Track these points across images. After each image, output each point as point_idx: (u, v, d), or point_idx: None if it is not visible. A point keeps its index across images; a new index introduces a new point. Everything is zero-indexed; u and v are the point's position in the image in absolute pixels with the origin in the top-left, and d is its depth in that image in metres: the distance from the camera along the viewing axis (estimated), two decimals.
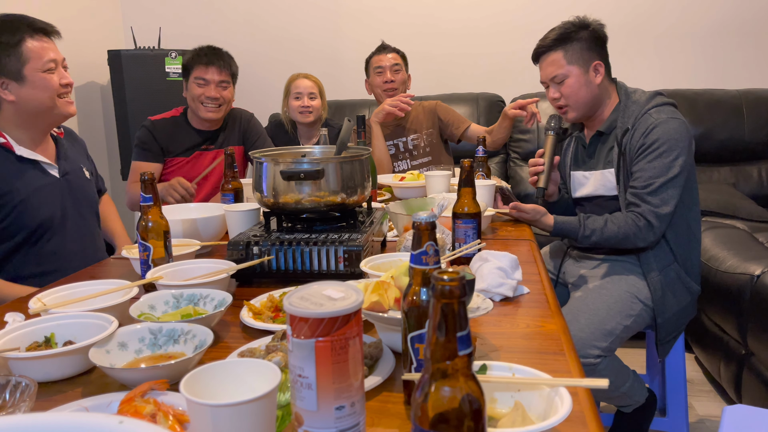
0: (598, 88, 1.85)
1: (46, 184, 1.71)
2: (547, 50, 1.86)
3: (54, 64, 1.66)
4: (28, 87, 1.63)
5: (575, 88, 1.83)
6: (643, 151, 1.73)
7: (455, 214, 1.40)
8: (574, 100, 1.85)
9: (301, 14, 3.82)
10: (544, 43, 1.87)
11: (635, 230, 1.72)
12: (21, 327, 0.98)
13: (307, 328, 0.61)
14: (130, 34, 3.76)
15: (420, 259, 0.75)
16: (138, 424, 0.42)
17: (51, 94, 1.66)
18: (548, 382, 0.73)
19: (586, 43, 1.83)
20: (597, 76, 1.84)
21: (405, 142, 2.80)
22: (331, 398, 0.62)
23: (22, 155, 1.67)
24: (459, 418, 0.54)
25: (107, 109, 3.78)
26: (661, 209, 1.70)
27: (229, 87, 2.46)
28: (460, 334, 0.54)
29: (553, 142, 1.91)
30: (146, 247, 1.27)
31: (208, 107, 2.42)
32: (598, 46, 1.85)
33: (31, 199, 1.66)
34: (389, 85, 2.76)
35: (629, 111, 1.80)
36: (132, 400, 0.76)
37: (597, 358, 1.65)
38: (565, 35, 1.84)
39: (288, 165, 1.33)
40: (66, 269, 1.68)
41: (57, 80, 1.67)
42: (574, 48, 1.83)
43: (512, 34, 3.65)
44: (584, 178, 1.94)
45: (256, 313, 1.10)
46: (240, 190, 1.86)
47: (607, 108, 1.88)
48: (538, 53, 1.91)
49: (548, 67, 1.87)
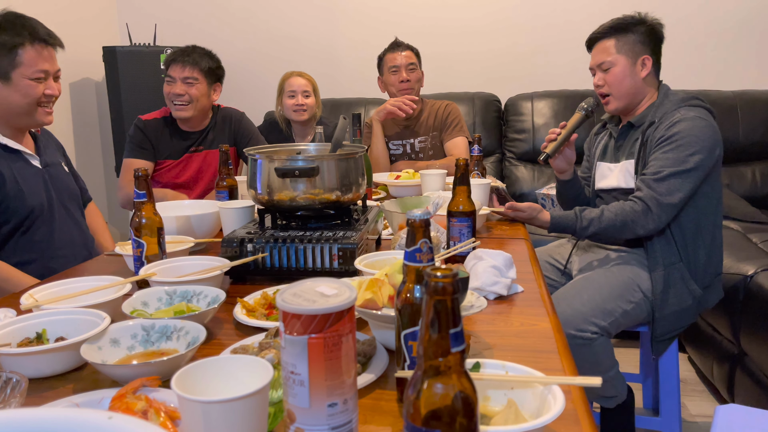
0: (641, 82, 1.87)
1: (30, 174, 1.72)
2: (601, 37, 1.91)
3: (44, 74, 1.68)
4: (11, 89, 1.65)
5: (619, 77, 1.86)
6: (662, 142, 1.74)
7: (450, 212, 1.40)
8: (616, 89, 1.87)
9: (297, 12, 3.81)
10: (600, 30, 1.92)
11: (633, 216, 1.72)
12: (12, 323, 0.97)
13: (300, 324, 0.61)
14: (126, 31, 3.75)
15: (414, 257, 0.75)
16: (127, 419, 0.42)
17: (30, 101, 1.67)
18: (541, 380, 0.73)
19: (641, 36, 1.87)
20: (643, 70, 1.86)
21: (412, 144, 2.78)
22: (324, 395, 0.62)
23: (6, 144, 1.68)
24: (451, 416, 0.54)
25: (102, 105, 3.77)
26: (664, 198, 1.70)
27: (196, 84, 2.38)
28: (453, 331, 0.53)
29: (578, 120, 1.94)
30: (139, 243, 1.26)
31: (176, 105, 2.38)
32: (652, 42, 1.88)
33: (17, 186, 1.67)
34: (405, 84, 2.69)
35: (662, 108, 1.82)
36: (123, 397, 0.76)
37: (594, 334, 1.67)
38: (621, 25, 1.88)
39: (283, 162, 1.33)
40: (56, 258, 1.69)
41: (41, 90, 1.68)
42: (627, 38, 1.86)
43: (508, 33, 3.65)
44: (608, 170, 1.95)
45: (249, 310, 1.09)
46: (234, 188, 1.86)
47: (645, 104, 1.90)
48: (592, 39, 1.95)
49: (598, 54, 1.91)
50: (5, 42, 1.62)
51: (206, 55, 2.44)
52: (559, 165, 1.98)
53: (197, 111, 2.41)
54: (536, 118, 3.41)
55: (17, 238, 1.69)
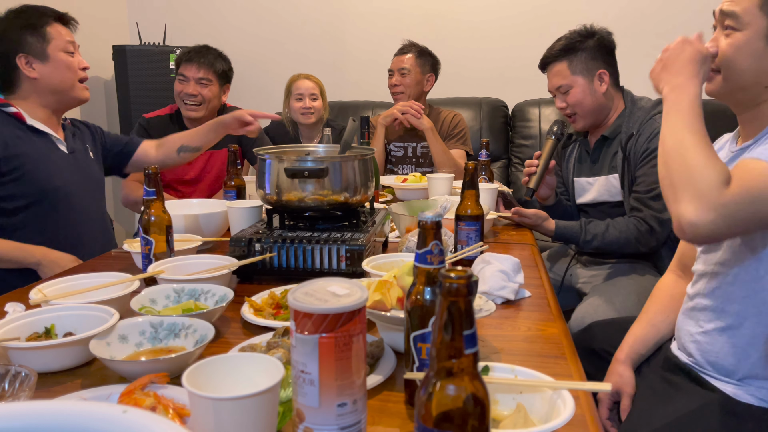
0: (603, 97, 1.87)
1: (56, 157, 1.74)
2: (553, 60, 1.91)
3: (73, 47, 1.76)
4: (50, 66, 1.72)
5: (580, 97, 1.87)
6: (647, 156, 1.73)
7: (458, 216, 1.40)
8: (580, 109, 1.88)
9: (306, 14, 3.82)
10: (550, 53, 1.91)
11: (637, 235, 1.73)
12: (21, 317, 0.97)
13: (311, 323, 0.61)
14: (135, 30, 3.76)
15: (425, 259, 0.75)
16: (142, 414, 0.42)
17: (72, 75, 1.75)
18: (551, 384, 0.73)
19: (591, 52, 1.86)
20: (602, 85, 1.86)
21: (414, 148, 2.78)
22: (334, 395, 0.62)
23: (33, 125, 1.71)
24: (463, 418, 0.54)
25: (110, 104, 3.78)
26: (664, 214, 1.71)
27: (210, 85, 2.41)
28: (466, 332, 0.53)
29: (551, 147, 1.92)
30: (148, 241, 1.26)
31: (188, 105, 2.40)
32: (604, 54, 1.87)
33: (41, 166, 1.69)
34: (395, 89, 2.72)
35: (635, 117, 1.82)
36: (132, 393, 0.76)
37: None
38: (570, 46, 1.87)
39: (292, 163, 1.33)
40: (78, 245, 1.71)
41: (77, 61, 1.76)
42: (579, 58, 1.86)
43: (516, 38, 3.65)
44: (588, 184, 1.95)
45: (257, 309, 1.09)
46: (242, 188, 1.86)
47: (613, 115, 1.90)
48: (544, 62, 1.95)
49: (554, 77, 1.92)
50: (33, 23, 1.70)
51: (219, 57, 2.47)
52: (542, 193, 1.98)
53: (208, 111, 2.44)
54: (543, 124, 3.40)
55: (40, 219, 1.70)
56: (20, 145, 1.67)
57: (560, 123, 1.95)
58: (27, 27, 1.70)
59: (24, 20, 1.71)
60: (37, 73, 1.71)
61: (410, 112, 2.58)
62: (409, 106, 2.59)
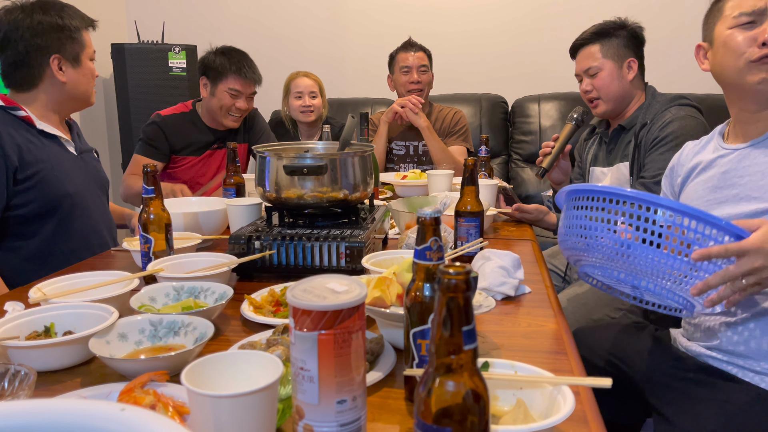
0: (629, 84, 1.89)
1: (66, 160, 1.72)
2: (585, 43, 1.93)
3: (95, 54, 1.78)
4: (80, 72, 1.72)
5: (607, 81, 1.88)
6: (657, 143, 1.74)
7: (458, 212, 1.39)
8: (605, 93, 1.90)
9: (304, 10, 3.81)
10: (583, 36, 1.93)
11: None
12: (21, 316, 0.97)
13: (310, 320, 0.61)
14: (134, 28, 3.76)
15: (424, 255, 0.75)
16: (140, 412, 0.41)
17: (92, 83, 1.76)
18: (551, 380, 0.72)
19: (624, 40, 1.89)
20: (630, 73, 1.88)
21: (416, 146, 2.78)
22: (333, 392, 0.62)
23: (43, 129, 1.68)
24: (462, 414, 0.53)
25: (109, 102, 3.78)
26: None
27: (253, 97, 2.45)
28: (465, 328, 0.53)
29: (570, 131, 1.95)
30: (147, 239, 1.26)
31: (234, 117, 2.40)
32: (634, 45, 1.90)
33: (55, 171, 1.66)
34: (415, 86, 2.69)
35: (652, 109, 1.83)
36: (131, 391, 0.76)
37: None
38: (603, 30, 1.90)
39: (291, 160, 1.33)
40: (91, 247, 1.70)
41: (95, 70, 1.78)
42: (611, 43, 1.89)
43: (516, 34, 3.65)
44: (602, 174, 1.96)
45: (256, 307, 1.09)
46: (242, 185, 1.86)
47: (634, 106, 1.91)
48: (576, 46, 1.97)
49: (584, 59, 1.93)
50: (74, 26, 1.69)
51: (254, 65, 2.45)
52: (555, 177, 1.99)
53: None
54: (543, 120, 3.40)
55: (56, 225, 1.66)
56: (34, 150, 1.62)
57: (581, 110, 1.98)
58: (66, 29, 1.67)
59: (67, 21, 1.67)
60: (66, 78, 1.68)
61: (408, 105, 2.58)
62: (408, 100, 2.59)
